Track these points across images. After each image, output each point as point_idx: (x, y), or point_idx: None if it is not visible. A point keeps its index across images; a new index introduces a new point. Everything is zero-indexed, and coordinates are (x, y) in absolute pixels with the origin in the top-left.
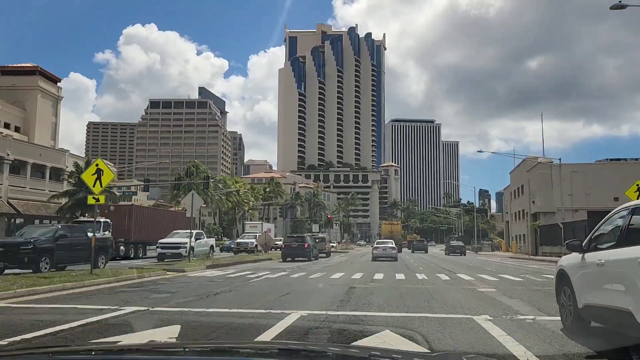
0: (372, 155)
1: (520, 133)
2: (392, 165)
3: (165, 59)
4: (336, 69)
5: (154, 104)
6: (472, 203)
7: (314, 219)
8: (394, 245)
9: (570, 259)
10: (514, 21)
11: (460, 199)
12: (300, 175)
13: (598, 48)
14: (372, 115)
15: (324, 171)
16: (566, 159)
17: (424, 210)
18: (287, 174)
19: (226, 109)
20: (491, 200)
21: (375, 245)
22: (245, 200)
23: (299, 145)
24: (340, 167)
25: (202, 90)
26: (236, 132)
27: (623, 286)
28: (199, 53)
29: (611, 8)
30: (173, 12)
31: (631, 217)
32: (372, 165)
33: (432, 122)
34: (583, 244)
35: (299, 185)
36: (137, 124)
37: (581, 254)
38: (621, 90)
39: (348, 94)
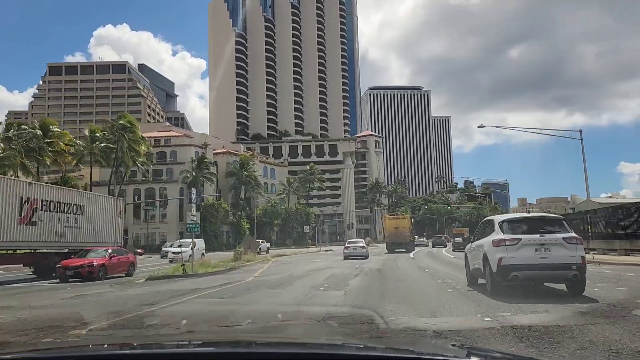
0: (345, 124)
1: (501, 125)
2: (371, 135)
3: (138, 60)
4: (290, 3)
5: (54, 69)
6: (473, 186)
7: (237, 203)
8: (364, 244)
9: (468, 247)
10: (493, 9)
11: (457, 184)
12: (241, 145)
13: (578, 35)
14: (343, 71)
15: (274, 142)
16: (548, 149)
17: (414, 196)
18: (199, 133)
19: (194, 104)
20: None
21: (346, 245)
22: None
23: (239, 107)
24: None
25: (142, 67)
26: (178, 112)
27: (478, 257)
28: (174, 53)
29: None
30: (146, 12)
31: (482, 226)
32: (345, 137)
33: (420, 89)
34: (471, 239)
35: (216, 151)
36: (32, 97)
37: (470, 244)
38: (602, 78)
39: (308, 40)
